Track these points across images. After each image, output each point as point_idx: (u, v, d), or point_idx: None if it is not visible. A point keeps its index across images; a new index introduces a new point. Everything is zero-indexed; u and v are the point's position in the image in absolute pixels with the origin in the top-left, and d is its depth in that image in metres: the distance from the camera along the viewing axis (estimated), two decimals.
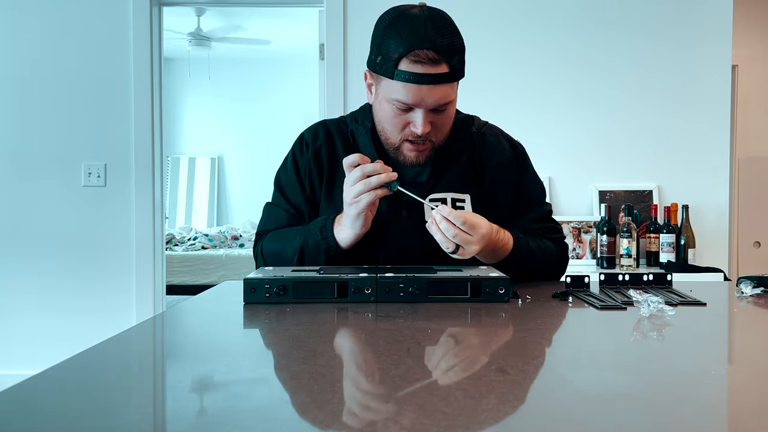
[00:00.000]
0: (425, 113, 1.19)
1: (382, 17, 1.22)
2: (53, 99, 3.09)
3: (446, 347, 0.79)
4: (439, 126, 1.24)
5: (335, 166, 1.34)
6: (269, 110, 7.33)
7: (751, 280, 1.15)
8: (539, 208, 1.39)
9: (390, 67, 1.16)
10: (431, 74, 1.15)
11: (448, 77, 1.17)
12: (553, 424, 0.50)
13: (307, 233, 1.26)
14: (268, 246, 1.32)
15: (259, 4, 4.62)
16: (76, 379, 0.62)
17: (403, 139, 1.24)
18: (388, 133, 1.26)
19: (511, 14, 3.04)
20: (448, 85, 1.18)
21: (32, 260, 3.09)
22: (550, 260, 1.34)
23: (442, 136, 1.27)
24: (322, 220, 1.26)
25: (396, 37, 1.16)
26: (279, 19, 5.91)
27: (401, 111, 1.20)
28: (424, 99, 1.17)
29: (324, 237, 1.23)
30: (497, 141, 1.38)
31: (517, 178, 1.37)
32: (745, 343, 0.83)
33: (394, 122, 1.22)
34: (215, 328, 0.89)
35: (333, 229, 1.22)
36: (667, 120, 3.03)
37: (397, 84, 1.17)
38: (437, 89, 1.17)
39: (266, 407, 0.53)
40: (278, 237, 1.32)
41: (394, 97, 1.18)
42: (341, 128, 1.37)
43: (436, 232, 1.13)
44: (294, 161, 1.37)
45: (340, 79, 3.01)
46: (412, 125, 1.21)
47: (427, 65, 1.14)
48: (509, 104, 3.03)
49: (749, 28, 4.11)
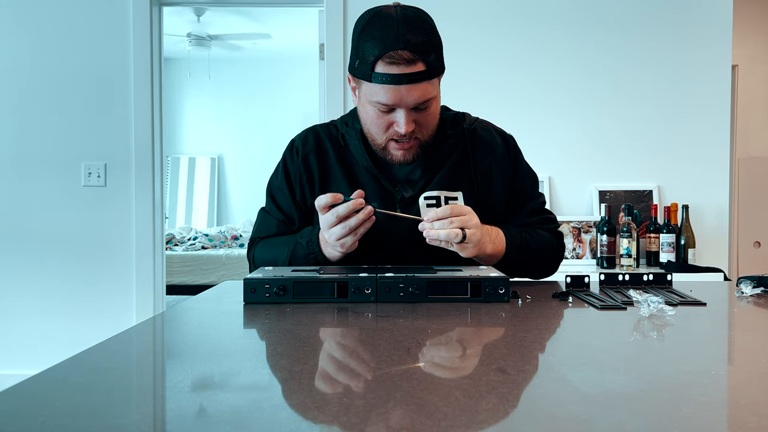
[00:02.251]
0: (407, 112, 1.20)
1: (359, 20, 1.23)
2: (53, 99, 3.09)
3: (446, 347, 0.79)
4: (423, 123, 1.25)
5: (327, 172, 1.34)
6: (269, 110, 7.33)
7: (751, 280, 1.15)
8: (533, 201, 1.40)
9: (367, 70, 1.17)
10: (407, 74, 1.16)
11: (425, 75, 1.17)
12: (553, 424, 0.50)
13: (296, 246, 1.27)
14: (260, 255, 1.35)
15: (259, 4, 4.62)
16: (76, 379, 0.62)
17: (388, 139, 1.25)
18: (373, 134, 1.27)
19: (512, 15, 3.04)
20: (427, 82, 1.19)
21: (32, 260, 3.09)
22: (546, 249, 1.35)
23: (428, 132, 1.27)
24: (308, 233, 1.27)
25: (371, 41, 1.17)
26: (279, 19, 5.91)
27: (383, 112, 1.21)
28: (404, 98, 1.18)
29: (311, 252, 1.24)
30: (489, 136, 1.38)
31: (510, 173, 1.37)
32: (745, 343, 0.83)
33: (378, 123, 1.23)
34: (215, 328, 0.89)
35: (320, 245, 1.23)
36: (667, 120, 3.03)
37: (375, 86, 1.18)
38: (416, 88, 1.17)
39: (266, 407, 0.53)
40: (269, 246, 1.34)
41: (375, 99, 1.19)
42: (332, 132, 1.38)
43: (438, 234, 1.14)
44: (285, 168, 1.38)
45: (340, 79, 3.01)
46: (395, 125, 1.22)
47: (402, 65, 1.15)
48: (509, 104, 3.03)
49: (749, 28, 4.11)
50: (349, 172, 1.33)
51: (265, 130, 7.31)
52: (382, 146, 1.27)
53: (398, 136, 1.23)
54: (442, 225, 1.14)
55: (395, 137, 1.24)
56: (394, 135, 1.24)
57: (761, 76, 4.19)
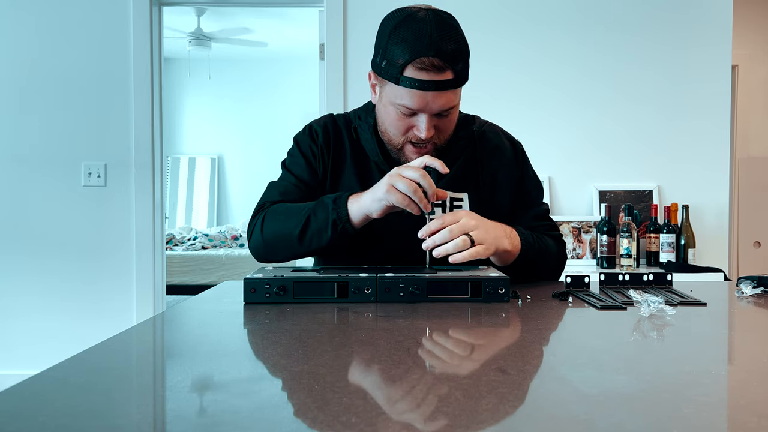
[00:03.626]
0: (429, 118, 1.20)
1: (388, 19, 1.21)
2: (53, 99, 3.09)
3: (446, 347, 0.79)
4: (442, 129, 1.25)
5: (340, 159, 1.34)
6: (269, 110, 7.33)
7: (751, 280, 1.15)
8: (537, 207, 1.40)
9: (395, 72, 1.16)
10: (436, 81, 1.15)
11: (452, 84, 1.17)
12: (553, 423, 0.50)
13: (318, 204, 1.21)
14: (270, 219, 1.26)
15: (259, 4, 4.62)
16: (76, 379, 0.62)
17: (406, 141, 1.25)
18: (391, 135, 1.26)
19: (513, 16, 3.04)
20: (452, 91, 1.19)
21: (32, 260, 3.09)
22: (551, 255, 1.35)
23: (444, 138, 1.27)
24: (336, 194, 1.22)
25: (402, 44, 1.15)
26: (279, 19, 5.91)
27: (405, 115, 1.21)
28: (429, 104, 1.18)
29: (337, 208, 1.18)
30: (498, 140, 1.39)
31: (517, 176, 1.38)
32: (745, 343, 0.83)
33: (398, 125, 1.23)
34: (215, 328, 0.89)
35: (347, 203, 1.18)
36: (667, 120, 3.03)
37: (402, 90, 1.17)
38: (442, 95, 1.17)
39: (266, 407, 0.53)
40: (284, 208, 1.26)
41: (399, 102, 1.19)
42: (347, 122, 1.38)
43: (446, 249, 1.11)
44: (300, 146, 1.36)
45: (340, 79, 3.01)
46: (415, 129, 1.22)
47: (432, 72, 1.14)
48: (510, 104, 3.03)
49: (749, 28, 4.11)
50: (359, 164, 1.33)
51: (265, 130, 7.32)
52: (398, 147, 1.27)
53: (417, 140, 1.23)
54: (442, 237, 1.12)
55: (414, 140, 1.24)
56: (413, 138, 1.23)
57: (761, 76, 4.19)
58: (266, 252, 1.27)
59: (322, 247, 1.21)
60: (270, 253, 1.27)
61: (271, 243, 1.25)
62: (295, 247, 1.22)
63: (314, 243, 1.20)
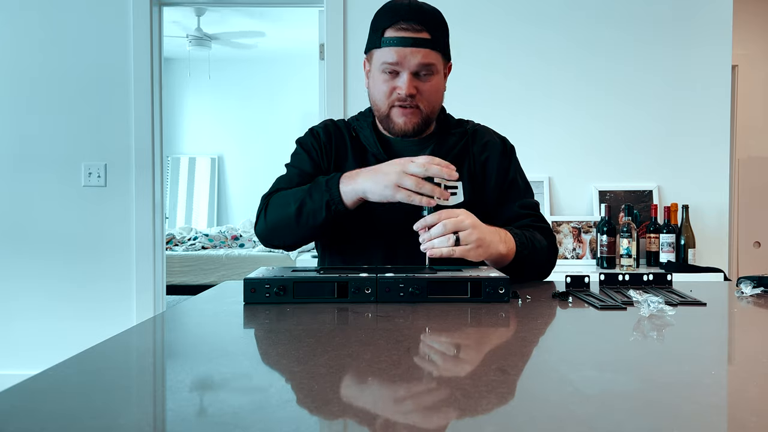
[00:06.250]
0: (410, 77, 1.30)
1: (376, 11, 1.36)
2: (53, 99, 3.10)
3: (446, 347, 0.79)
4: (425, 93, 1.32)
5: (341, 160, 1.41)
6: (269, 110, 7.33)
7: (751, 280, 1.15)
8: (525, 197, 1.45)
9: (378, 37, 1.31)
10: (413, 38, 1.28)
11: (428, 43, 1.29)
12: (553, 423, 0.50)
13: (314, 185, 1.28)
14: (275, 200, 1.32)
15: (259, 4, 4.62)
16: (76, 379, 0.62)
17: (390, 104, 1.33)
18: (379, 103, 1.35)
19: (511, 17, 3.04)
20: (431, 51, 1.29)
21: (32, 260, 3.09)
22: (542, 250, 1.36)
23: (429, 106, 1.34)
24: (330, 175, 1.28)
25: (383, 15, 1.31)
26: (279, 20, 5.91)
27: (389, 75, 1.31)
28: (408, 59, 1.28)
29: (329, 188, 1.24)
30: (489, 136, 1.48)
31: (505, 166, 1.45)
32: (745, 343, 0.83)
33: (382, 90, 1.33)
34: (215, 328, 0.89)
35: (339, 182, 1.24)
36: (667, 120, 3.03)
37: (384, 50, 1.30)
38: (419, 52, 1.28)
39: (266, 407, 0.53)
40: (285, 193, 1.33)
41: (382, 61, 1.30)
42: (347, 124, 1.47)
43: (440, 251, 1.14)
44: (303, 144, 1.44)
45: (340, 79, 3.01)
46: (398, 88, 1.31)
47: (409, 31, 1.28)
48: (510, 104, 3.03)
49: (749, 29, 4.11)
50: (360, 159, 1.40)
51: (265, 130, 7.32)
52: (386, 114, 1.34)
53: (400, 99, 1.31)
54: (437, 232, 1.15)
55: (398, 101, 1.32)
56: (397, 99, 1.32)
57: (761, 77, 4.19)
58: (270, 235, 1.33)
59: (318, 227, 1.26)
60: (273, 236, 1.33)
61: (273, 226, 1.31)
62: (293, 227, 1.28)
63: (310, 222, 1.26)
